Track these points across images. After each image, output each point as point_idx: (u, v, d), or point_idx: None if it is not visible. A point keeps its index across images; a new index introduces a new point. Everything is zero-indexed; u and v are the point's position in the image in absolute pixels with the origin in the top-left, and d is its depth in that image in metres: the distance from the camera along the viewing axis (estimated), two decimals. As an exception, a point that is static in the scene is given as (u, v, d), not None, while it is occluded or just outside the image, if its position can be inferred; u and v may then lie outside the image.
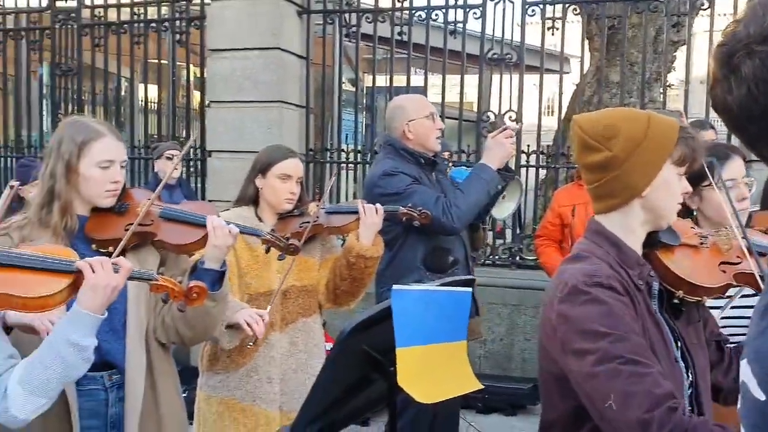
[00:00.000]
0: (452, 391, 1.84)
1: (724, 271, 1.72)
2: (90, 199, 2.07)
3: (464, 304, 1.89)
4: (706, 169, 1.82)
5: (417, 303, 1.73)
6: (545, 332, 1.58)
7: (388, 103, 3.70)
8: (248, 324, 2.40)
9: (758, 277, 1.65)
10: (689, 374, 1.59)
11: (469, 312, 1.92)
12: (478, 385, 1.85)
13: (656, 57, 6.66)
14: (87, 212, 2.09)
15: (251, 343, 2.50)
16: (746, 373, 0.80)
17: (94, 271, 1.63)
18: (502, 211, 3.94)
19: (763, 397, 0.75)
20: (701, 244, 1.77)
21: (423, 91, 5.56)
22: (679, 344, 1.61)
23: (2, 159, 6.93)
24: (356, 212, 2.66)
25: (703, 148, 1.65)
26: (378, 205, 2.69)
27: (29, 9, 6.84)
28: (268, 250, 2.45)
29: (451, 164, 4.15)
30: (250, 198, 2.72)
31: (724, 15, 5.53)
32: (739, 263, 1.72)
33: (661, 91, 6.49)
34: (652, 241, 1.64)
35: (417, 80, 6.26)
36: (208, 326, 2.17)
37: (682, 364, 1.58)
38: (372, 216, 2.64)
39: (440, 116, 3.51)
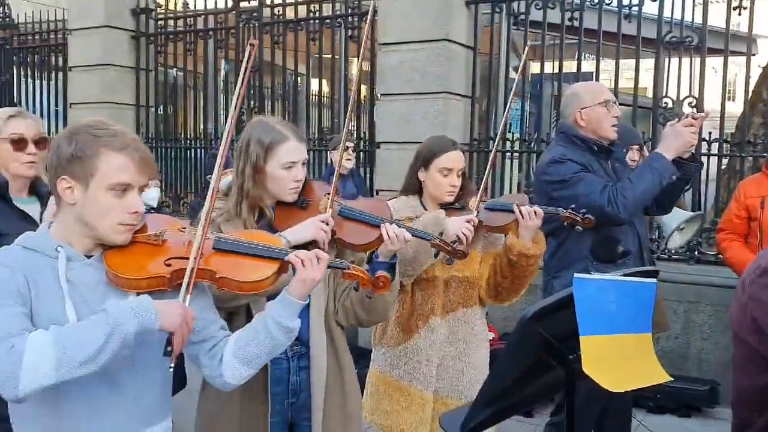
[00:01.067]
0: (639, 381, 1.82)
1: None
2: (276, 195, 2.26)
3: (648, 295, 1.85)
4: None
5: (599, 292, 1.73)
6: (735, 316, 1.60)
7: (564, 91, 3.66)
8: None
9: None
10: None
11: (653, 304, 1.88)
12: (666, 377, 1.83)
13: None
14: (272, 204, 2.28)
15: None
16: None
17: (304, 266, 1.78)
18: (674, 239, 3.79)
19: None
20: None
21: (594, 77, 5.39)
22: None
23: (192, 150, 7.59)
24: (512, 211, 2.66)
25: None
26: (536, 207, 2.68)
27: (216, 10, 7.42)
28: (436, 255, 2.53)
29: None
30: (414, 188, 2.81)
31: None
32: None
33: None
34: None
35: (587, 66, 6.07)
36: (384, 311, 2.32)
37: None
38: (531, 220, 2.63)
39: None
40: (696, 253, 5.22)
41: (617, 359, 1.71)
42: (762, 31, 5.98)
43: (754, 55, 6.67)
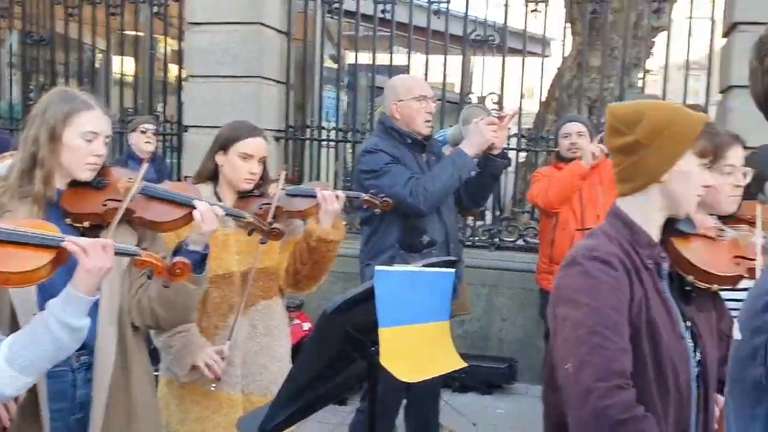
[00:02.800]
0: (436, 369, 1.85)
1: (738, 264, 1.78)
2: (70, 171, 2.00)
3: (447, 285, 1.89)
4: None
5: (400, 283, 1.73)
6: (551, 300, 1.69)
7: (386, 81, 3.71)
8: (208, 366, 2.43)
9: (757, 270, 1.70)
10: (697, 353, 1.68)
11: (452, 293, 1.92)
12: (461, 364, 1.87)
13: (636, 42, 6.68)
14: (64, 185, 2.03)
15: (213, 386, 2.51)
16: (735, 326, 0.85)
17: (87, 254, 1.60)
18: None
19: (739, 337, 0.81)
20: (718, 236, 1.84)
21: (406, 70, 5.52)
22: (687, 324, 1.68)
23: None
24: (315, 196, 2.61)
25: (724, 145, 1.72)
26: (339, 191, 2.65)
27: (2, -23, 6.65)
28: (250, 233, 2.41)
29: None
30: (209, 173, 2.64)
31: (706, 1, 5.57)
32: (754, 260, 1.77)
33: (640, 76, 6.53)
34: (670, 227, 1.71)
35: (401, 59, 6.21)
36: (186, 308, 2.13)
37: (689, 342, 1.66)
38: (332, 203, 2.60)
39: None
40: (497, 240, 5.56)
41: (416, 349, 1.73)
42: (554, 35, 6.47)
43: (548, 56, 7.23)
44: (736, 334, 0.82)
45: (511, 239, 5.52)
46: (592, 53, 6.30)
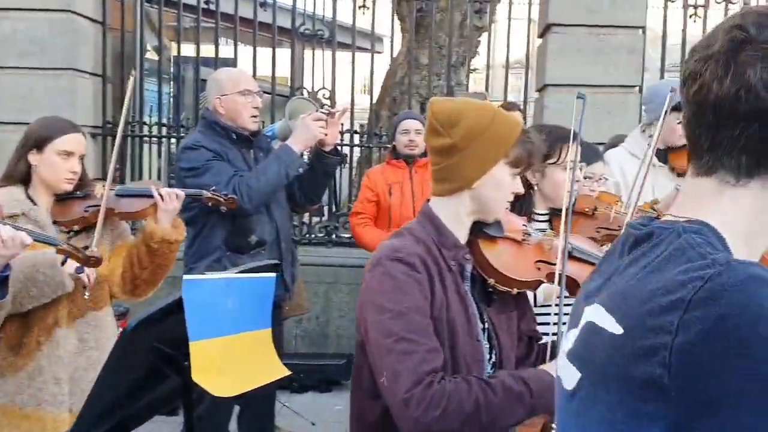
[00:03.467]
0: (257, 380, 1.75)
1: (539, 269, 1.81)
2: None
3: (267, 291, 1.80)
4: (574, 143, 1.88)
5: (212, 293, 1.61)
6: (358, 302, 1.65)
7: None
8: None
9: (557, 275, 1.73)
10: (493, 355, 1.69)
11: (272, 299, 1.83)
12: (284, 372, 1.79)
13: (462, 41, 6.93)
14: None
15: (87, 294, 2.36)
16: (598, 314, 0.82)
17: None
18: None
19: (620, 331, 0.78)
20: (524, 240, 1.85)
21: (233, 63, 5.34)
22: (486, 326, 1.69)
23: None
24: (151, 196, 2.47)
25: (540, 152, 1.75)
26: (177, 190, 2.54)
27: None
28: (64, 262, 2.18)
29: None
30: (21, 175, 2.40)
31: (524, 3, 5.88)
32: (555, 264, 1.79)
33: (468, 74, 6.78)
34: (477, 230, 1.71)
35: (228, 51, 6.00)
36: None
37: (485, 344, 1.67)
38: (171, 202, 2.46)
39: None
40: (333, 236, 5.53)
41: (233, 361, 1.62)
42: (386, 31, 6.53)
43: (378, 52, 7.32)
44: (614, 328, 0.79)
45: (348, 235, 5.51)
46: (421, 51, 6.45)
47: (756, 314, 0.69)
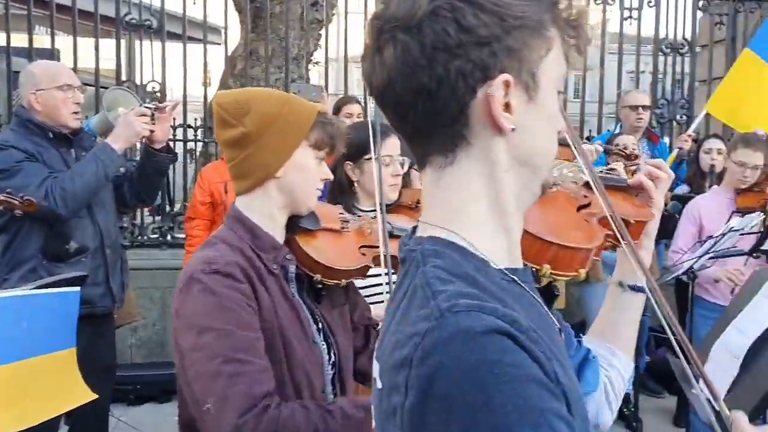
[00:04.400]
0: (57, 408, 1.58)
1: (364, 254, 1.76)
2: None
3: (71, 306, 1.63)
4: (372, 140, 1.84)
5: (1, 314, 1.43)
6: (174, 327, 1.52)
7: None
8: None
9: (382, 256, 1.69)
10: (332, 355, 1.63)
11: (78, 314, 1.67)
12: (89, 396, 1.63)
13: (303, 34, 6.84)
14: None
15: None
16: (375, 368, 0.81)
17: None
18: None
19: (380, 386, 0.77)
20: (343, 228, 1.79)
21: (51, 54, 4.90)
22: (321, 326, 1.63)
23: None
24: None
25: (344, 134, 1.68)
26: None
27: None
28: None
29: None
30: None
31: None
32: (378, 247, 1.75)
33: (308, 67, 6.71)
34: (293, 226, 1.63)
35: (45, 41, 5.51)
36: None
37: (322, 345, 1.60)
38: None
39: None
40: (168, 238, 5.26)
41: (26, 389, 1.45)
42: (219, 22, 6.29)
43: (215, 44, 7.06)
44: (377, 381, 0.77)
45: (183, 236, 5.26)
46: (260, 43, 6.28)
47: (456, 375, 0.67)
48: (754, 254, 3.19)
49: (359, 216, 1.96)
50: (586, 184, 1.23)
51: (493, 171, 0.82)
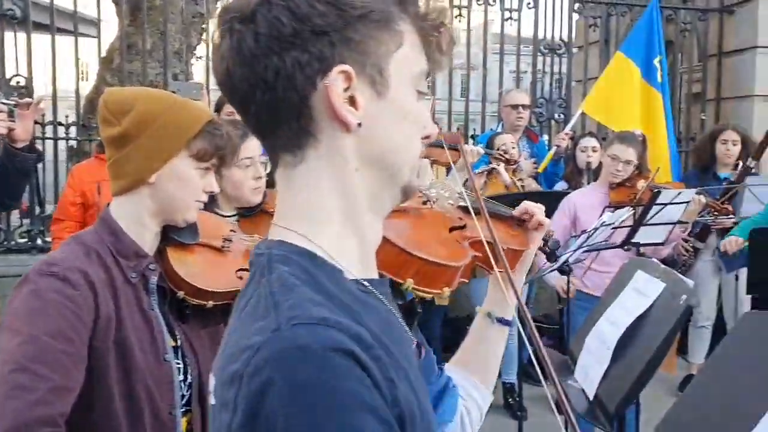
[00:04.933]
0: None
1: (241, 278, 1.63)
2: None
3: None
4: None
5: None
6: None
7: None
8: None
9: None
10: (188, 375, 1.54)
11: None
12: None
13: (184, 28, 6.61)
14: None
15: None
16: (211, 383, 0.77)
17: None
18: None
19: (213, 402, 0.74)
20: (224, 247, 1.69)
21: None
22: (179, 344, 1.54)
23: None
24: None
25: (236, 144, 1.64)
26: None
27: None
28: None
29: None
30: None
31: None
32: None
33: (192, 62, 6.49)
34: (167, 236, 1.55)
35: None
36: None
37: (177, 364, 1.51)
38: None
39: None
40: (39, 242, 4.93)
41: None
42: (103, 15, 5.95)
43: (93, 36, 6.68)
44: (211, 397, 0.73)
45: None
46: (140, 37, 6.00)
47: (284, 394, 0.64)
48: (625, 247, 3.35)
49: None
50: (463, 208, 1.22)
51: (343, 170, 0.79)
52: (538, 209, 1.26)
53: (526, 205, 1.27)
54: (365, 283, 0.80)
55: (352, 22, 0.76)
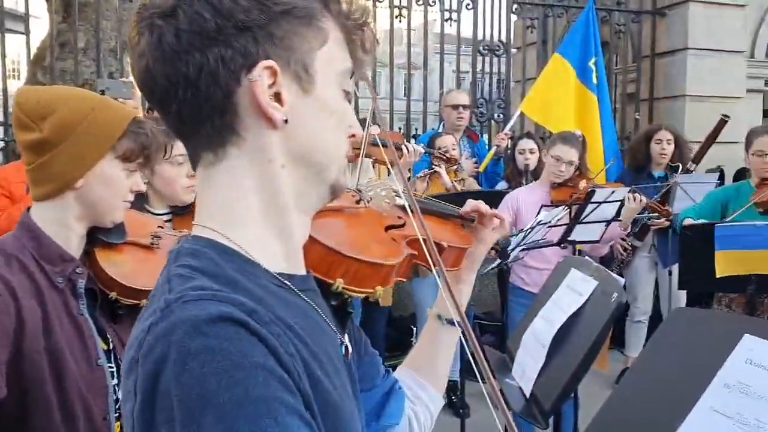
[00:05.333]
0: None
1: None
2: None
3: None
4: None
5: None
6: None
7: None
8: None
9: None
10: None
11: None
12: None
13: (119, 25, 6.42)
14: None
15: None
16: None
17: None
18: None
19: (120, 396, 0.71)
20: (153, 244, 1.66)
21: None
22: (112, 347, 1.51)
23: None
24: None
25: (162, 143, 1.55)
26: None
27: None
28: None
29: None
30: None
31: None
32: None
33: (128, 60, 6.31)
34: (94, 238, 1.51)
35: None
36: None
37: (107, 368, 1.48)
38: None
39: None
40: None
41: None
42: (34, 11, 5.74)
43: (21, 33, 6.44)
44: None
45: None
46: (73, 34, 5.82)
47: (176, 367, 0.62)
48: (562, 245, 3.41)
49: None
50: (401, 207, 1.21)
51: (267, 167, 0.78)
52: (486, 207, 1.26)
53: (474, 203, 1.27)
54: (282, 279, 0.79)
55: (276, 18, 0.75)
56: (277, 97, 0.76)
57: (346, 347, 0.90)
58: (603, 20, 6.30)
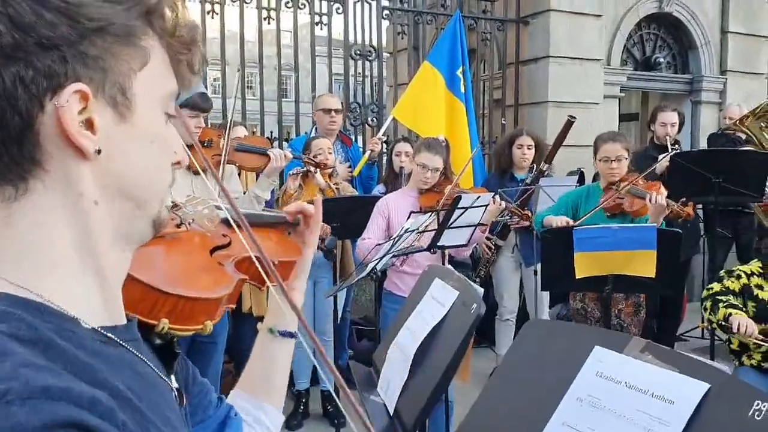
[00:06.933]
0: None
1: None
2: None
3: None
4: None
5: None
6: None
7: None
8: None
9: None
10: None
11: None
12: None
13: None
14: None
15: None
16: None
17: None
18: None
19: None
20: None
21: None
22: None
23: None
24: None
25: None
26: None
27: None
28: None
29: None
30: None
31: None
32: None
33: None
34: None
35: None
36: None
37: None
38: None
39: None
40: None
41: None
42: None
43: None
44: None
45: None
46: None
47: None
48: (432, 250, 3.43)
49: None
50: (226, 221, 1.11)
51: (77, 203, 0.68)
52: (310, 207, 1.23)
53: (298, 204, 1.23)
54: (104, 332, 0.69)
55: (88, 35, 0.66)
56: (89, 123, 0.67)
57: (179, 393, 0.82)
58: (470, 28, 6.47)
